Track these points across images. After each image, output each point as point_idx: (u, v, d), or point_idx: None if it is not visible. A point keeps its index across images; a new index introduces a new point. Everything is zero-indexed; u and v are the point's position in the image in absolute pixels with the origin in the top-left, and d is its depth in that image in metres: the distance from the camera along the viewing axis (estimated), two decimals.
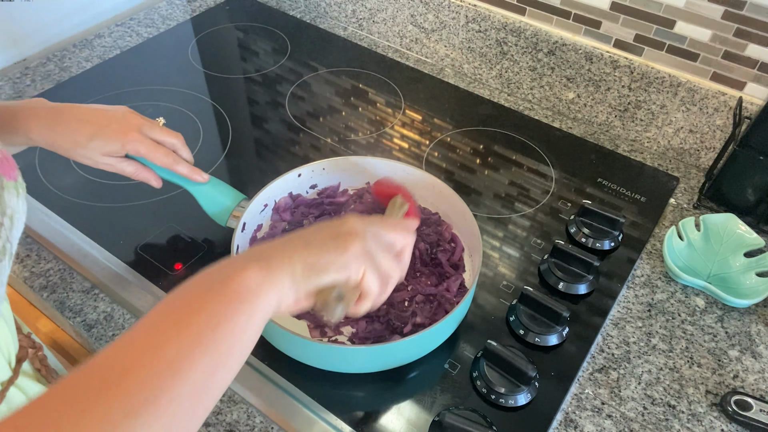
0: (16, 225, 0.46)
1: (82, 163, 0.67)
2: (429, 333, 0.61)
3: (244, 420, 0.63)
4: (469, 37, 1.07)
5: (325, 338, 0.67)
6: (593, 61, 0.96)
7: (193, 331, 0.36)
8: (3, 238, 0.43)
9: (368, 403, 0.63)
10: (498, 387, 0.63)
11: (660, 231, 0.84)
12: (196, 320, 0.36)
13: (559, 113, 1.05)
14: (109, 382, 0.32)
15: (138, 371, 0.33)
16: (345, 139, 0.97)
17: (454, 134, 0.99)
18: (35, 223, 0.81)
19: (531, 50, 1.01)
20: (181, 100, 1.03)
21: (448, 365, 0.67)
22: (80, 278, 0.75)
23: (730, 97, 0.87)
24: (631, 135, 0.99)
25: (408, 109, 1.03)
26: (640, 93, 0.94)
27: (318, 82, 1.08)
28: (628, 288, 0.77)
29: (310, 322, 0.68)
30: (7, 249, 0.44)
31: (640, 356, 0.69)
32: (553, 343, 0.69)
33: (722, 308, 0.75)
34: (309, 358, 0.64)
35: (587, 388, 0.66)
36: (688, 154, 0.95)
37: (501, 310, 0.72)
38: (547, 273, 0.76)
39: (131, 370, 0.33)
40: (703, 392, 0.67)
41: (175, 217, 0.82)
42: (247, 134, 0.98)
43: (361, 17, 1.20)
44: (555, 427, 0.63)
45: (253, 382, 0.65)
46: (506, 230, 0.83)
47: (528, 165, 0.93)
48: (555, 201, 0.87)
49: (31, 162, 0.89)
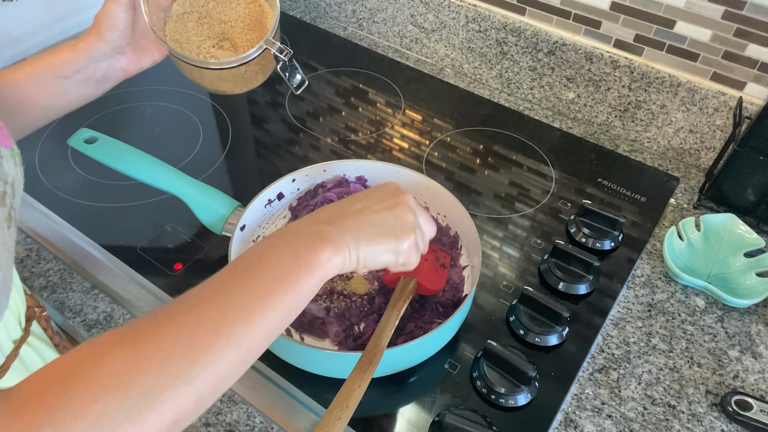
0: (17, 192, 0.47)
1: None
2: (429, 338, 0.61)
3: (244, 420, 0.63)
4: (469, 37, 1.07)
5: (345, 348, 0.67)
6: (593, 61, 0.96)
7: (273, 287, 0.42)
8: (8, 205, 0.44)
9: (368, 404, 0.63)
10: (498, 387, 0.63)
11: (660, 231, 0.84)
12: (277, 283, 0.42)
13: (559, 113, 1.05)
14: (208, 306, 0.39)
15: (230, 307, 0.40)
16: (345, 139, 0.97)
17: (454, 134, 0.99)
18: (35, 223, 0.81)
19: (531, 50, 1.01)
20: (181, 100, 1.02)
21: (448, 365, 0.67)
22: (80, 278, 0.75)
23: (730, 97, 0.87)
24: (631, 135, 0.99)
25: (408, 109, 1.03)
26: (640, 93, 0.94)
27: (318, 82, 1.08)
28: (628, 288, 0.77)
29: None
30: (13, 216, 0.46)
31: (640, 356, 0.69)
32: (553, 343, 0.69)
33: (722, 308, 0.75)
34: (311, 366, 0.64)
35: (587, 388, 0.66)
36: (688, 154, 0.95)
37: (501, 310, 0.72)
38: (547, 273, 0.76)
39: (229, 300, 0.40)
40: (704, 392, 0.67)
41: (175, 217, 0.82)
42: (247, 134, 0.98)
43: (361, 17, 1.20)
44: (555, 427, 0.63)
45: (253, 382, 0.65)
46: (506, 230, 0.83)
47: (528, 165, 0.93)
48: (555, 201, 0.87)
49: (31, 162, 0.89)
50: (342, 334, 0.67)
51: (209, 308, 0.39)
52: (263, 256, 0.44)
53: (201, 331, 0.37)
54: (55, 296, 0.73)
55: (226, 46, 0.63)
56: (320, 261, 0.45)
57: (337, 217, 0.49)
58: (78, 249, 0.78)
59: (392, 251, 0.51)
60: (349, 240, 0.47)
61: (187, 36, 0.63)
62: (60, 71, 0.60)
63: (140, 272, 0.75)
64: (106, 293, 0.74)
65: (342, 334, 0.67)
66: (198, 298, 0.40)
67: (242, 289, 0.41)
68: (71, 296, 0.73)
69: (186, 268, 0.76)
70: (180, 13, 0.63)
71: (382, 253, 0.50)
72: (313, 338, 0.68)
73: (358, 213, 0.50)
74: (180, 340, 0.36)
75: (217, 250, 0.78)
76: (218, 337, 0.38)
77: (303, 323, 0.68)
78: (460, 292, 0.71)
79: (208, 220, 0.73)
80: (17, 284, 0.56)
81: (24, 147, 0.64)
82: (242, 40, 0.63)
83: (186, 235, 0.80)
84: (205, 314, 0.38)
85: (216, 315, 0.38)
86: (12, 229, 0.46)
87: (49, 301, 0.73)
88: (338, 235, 0.47)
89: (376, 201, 0.52)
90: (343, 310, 0.69)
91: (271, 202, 0.77)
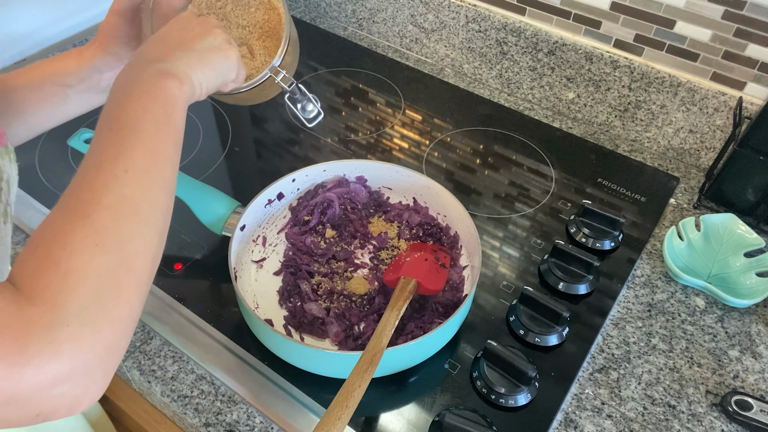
0: (12, 189, 0.48)
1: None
2: (429, 338, 0.61)
3: (244, 420, 0.63)
4: (469, 37, 1.07)
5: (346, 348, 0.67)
6: (593, 61, 0.96)
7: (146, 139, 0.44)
8: (3, 201, 0.45)
9: (368, 404, 0.63)
10: (498, 387, 0.63)
11: (660, 231, 0.84)
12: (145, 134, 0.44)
13: (559, 113, 1.05)
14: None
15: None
16: (345, 139, 0.97)
17: (454, 134, 0.99)
18: (35, 223, 0.81)
19: (531, 50, 1.01)
20: None
21: (448, 365, 0.67)
22: None
23: (730, 97, 0.87)
24: (631, 135, 0.99)
25: (408, 109, 1.03)
26: (640, 93, 0.94)
27: (318, 82, 1.08)
28: (628, 288, 0.77)
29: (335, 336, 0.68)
30: (9, 212, 0.46)
31: (640, 356, 0.69)
32: (553, 343, 0.69)
33: (722, 308, 0.75)
34: (311, 366, 0.64)
35: (587, 388, 0.66)
36: (688, 154, 0.95)
37: (501, 310, 0.72)
38: (547, 273, 0.76)
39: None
40: (704, 392, 0.67)
41: (175, 217, 0.81)
42: (247, 134, 0.98)
43: (361, 17, 1.20)
44: (555, 427, 0.63)
45: (253, 382, 0.65)
46: (506, 230, 0.83)
47: (528, 165, 0.93)
48: (555, 201, 0.87)
49: (31, 162, 0.89)
50: (342, 334, 0.67)
51: (112, 181, 0.40)
52: (127, 111, 0.44)
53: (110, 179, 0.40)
54: None
55: (243, 52, 0.63)
56: (175, 94, 0.47)
57: (164, 53, 0.50)
58: None
59: (225, 68, 0.53)
60: (186, 68, 0.49)
61: None
62: (64, 80, 0.60)
63: None
64: None
65: (342, 334, 0.67)
66: (95, 167, 0.41)
67: (131, 148, 0.42)
68: None
69: (186, 268, 0.76)
70: (196, 15, 0.62)
71: (218, 72, 0.52)
72: (313, 338, 0.68)
73: (179, 45, 0.51)
74: (110, 211, 0.39)
75: (217, 250, 0.78)
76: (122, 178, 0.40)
77: (303, 323, 0.68)
78: (460, 292, 0.71)
79: (208, 220, 0.73)
80: None
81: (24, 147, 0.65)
82: (259, 47, 0.62)
83: (186, 235, 0.80)
84: (117, 187, 0.40)
85: (118, 169, 0.40)
86: (8, 225, 0.46)
87: None
88: (175, 68, 0.48)
89: (187, 30, 0.53)
90: (343, 310, 0.69)
91: (271, 202, 0.77)
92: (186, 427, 0.66)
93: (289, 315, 0.69)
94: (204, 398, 0.64)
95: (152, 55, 0.50)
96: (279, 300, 0.71)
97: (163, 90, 0.46)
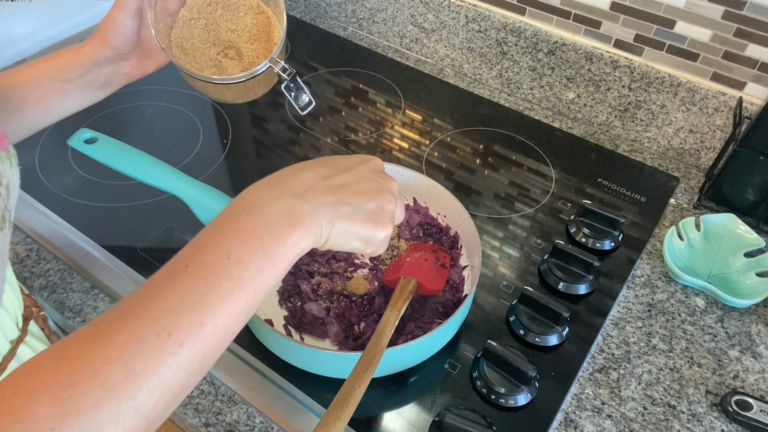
0: (12, 194, 0.47)
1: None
2: (429, 338, 0.61)
3: (244, 420, 0.63)
4: (469, 37, 1.07)
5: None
6: (593, 61, 0.96)
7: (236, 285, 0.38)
8: (1, 207, 0.44)
9: (368, 404, 0.63)
10: (498, 387, 0.63)
11: (660, 231, 0.84)
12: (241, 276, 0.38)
13: (559, 113, 1.05)
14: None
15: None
16: (345, 139, 0.97)
17: (454, 134, 0.99)
18: (35, 223, 0.81)
19: (531, 50, 1.01)
20: (181, 100, 1.02)
21: (448, 365, 0.67)
22: (80, 278, 0.75)
23: (730, 97, 0.87)
24: (631, 135, 0.99)
25: (408, 109, 1.03)
26: (640, 93, 0.94)
27: (318, 82, 1.08)
28: (628, 288, 0.77)
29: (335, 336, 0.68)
30: (7, 218, 0.45)
31: (640, 356, 0.69)
32: (553, 343, 0.69)
33: (722, 308, 0.75)
34: (311, 366, 0.64)
35: (587, 388, 0.66)
36: (688, 154, 0.95)
37: (501, 310, 0.72)
38: (547, 273, 0.76)
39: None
40: (704, 392, 0.67)
41: (175, 217, 0.82)
42: (247, 134, 0.98)
43: (361, 17, 1.20)
44: (555, 427, 0.63)
45: (253, 382, 0.65)
46: (506, 230, 0.83)
47: (528, 165, 0.93)
48: (555, 201, 0.87)
49: (31, 162, 0.89)
50: (342, 334, 0.67)
51: (147, 322, 0.34)
52: (219, 247, 0.38)
53: (145, 350, 0.33)
54: (55, 296, 0.73)
55: (231, 55, 0.63)
56: (286, 247, 0.40)
57: (315, 189, 0.44)
58: (78, 249, 0.78)
59: (365, 239, 0.46)
60: (323, 220, 0.43)
61: (193, 42, 0.62)
62: (63, 75, 0.60)
63: (140, 272, 0.75)
64: (106, 293, 0.74)
65: (342, 334, 0.67)
66: (137, 307, 0.35)
67: (190, 293, 0.36)
68: (71, 296, 0.73)
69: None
70: (187, 19, 0.63)
71: (354, 239, 0.46)
72: (313, 338, 0.68)
73: (339, 189, 0.45)
74: (119, 366, 0.32)
75: None
76: (165, 356, 0.33)
77: (303, 323, 0.68)
78: (460, 292, 0.71)
79: (208, 220, 0.73)
80: (13, 284, 0.56)
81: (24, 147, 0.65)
82: (248, 50, 0.63)
83: (186, 235, 0.80)
84: (146, 329, 0.33)
85: (160, 330, 0.34)
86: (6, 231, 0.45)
87: (49, 301, 0.73)
88: (312, 216, 0.42)
89: (361, 179, 0.47)
90: (343, 310, 0.69)
91: None
92: (186, 427, 0.66)
93: (289, 315, 0.69)
94: (204, 398, 0.64)
95: (300, 182, 0.44)
96: (279, 300, 0.71)
97: (279, 241, 0.40)
